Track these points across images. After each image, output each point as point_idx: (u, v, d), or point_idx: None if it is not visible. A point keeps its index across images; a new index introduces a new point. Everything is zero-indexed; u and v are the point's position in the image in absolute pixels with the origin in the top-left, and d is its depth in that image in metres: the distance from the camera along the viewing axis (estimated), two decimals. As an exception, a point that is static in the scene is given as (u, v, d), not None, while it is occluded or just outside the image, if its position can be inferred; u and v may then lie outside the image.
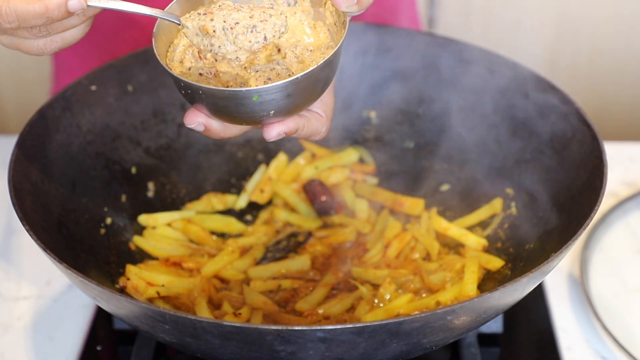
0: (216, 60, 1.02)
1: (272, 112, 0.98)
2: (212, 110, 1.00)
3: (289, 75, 1.00)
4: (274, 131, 1.00)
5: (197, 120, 1.01)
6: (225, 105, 0.98)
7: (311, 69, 0.96)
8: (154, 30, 1.02)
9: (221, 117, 1.01)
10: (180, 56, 1.03)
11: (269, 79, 1.00)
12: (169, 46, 1.04)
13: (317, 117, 1.05)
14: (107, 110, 1.35)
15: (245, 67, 1.01)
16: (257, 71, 1.00)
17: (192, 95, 0.99)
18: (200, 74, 1.02)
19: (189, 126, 1.02)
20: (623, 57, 2.50)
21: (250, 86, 0.99)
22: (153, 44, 1.01)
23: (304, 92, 0.99)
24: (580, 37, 2.48)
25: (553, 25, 2.46)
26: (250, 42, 0.98)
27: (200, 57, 1.02)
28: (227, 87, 1.01)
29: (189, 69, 1.02)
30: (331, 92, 1.08)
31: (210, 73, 1.02)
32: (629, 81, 2.53)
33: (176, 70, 1.03)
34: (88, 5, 0.96)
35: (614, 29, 2.46)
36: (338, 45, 0.99)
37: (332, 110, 1.08)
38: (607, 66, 2.52)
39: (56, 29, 0.99)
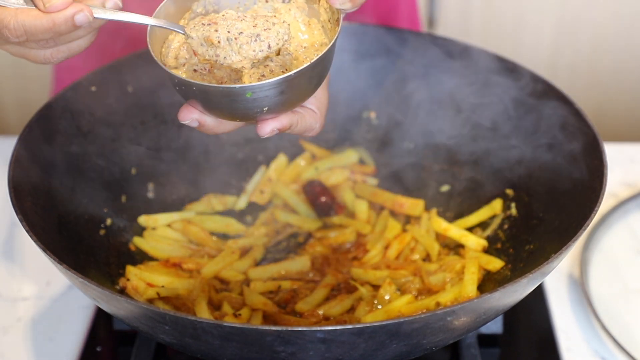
0: None
1: (266, 108, 0.98)
2: (205, 106, 1.00)
3: (282, 72, 1.00)
4: (267, 127, 1.01)
5: (191, 116, 1.02)
6: (219, 101, 0.98)
7: (305, 65, 0.96)
8: (149, 26, 1.02)
9: (215, 113, 1.01)
10: (174, 52, 1.03)
11: (263, 75, 1.00)
12: (164, 42, 1.04)
13: (311, 113, 1.05)
14: (107, 111, 1.35)
15: None
16: (251, 68, 1.00)
17: (186, 91, 0.99)
18: (195, 70, 1.02)
19: (182, 122, 1.02)
20: (623, 58, 2.50)
21: (244, 83, 0.99)
22: (147, 40, 1.01)
23: (298, 88, 0.99)
24: (580, 37, 2.48)
25: (553, 25, 2.47)
26: (254, 51, 0.98)
27: (194, 53, 1.02)
28: (221, 83, 1.01)
29: (184, 65, 1.02)
30: (325, 89, 1.08)
31: (205, 69, 1.02)
32: (629, 81, 2.53)
33: (170, 66, 1.03)
34: (94, 18, 0.96)
35: (614, 29, 2.46)
36: (331, 43, 0.99)
37: (326, 107, 1.08)
38: (607, 66, 2.52)
39: (63, 40, 1.00)
